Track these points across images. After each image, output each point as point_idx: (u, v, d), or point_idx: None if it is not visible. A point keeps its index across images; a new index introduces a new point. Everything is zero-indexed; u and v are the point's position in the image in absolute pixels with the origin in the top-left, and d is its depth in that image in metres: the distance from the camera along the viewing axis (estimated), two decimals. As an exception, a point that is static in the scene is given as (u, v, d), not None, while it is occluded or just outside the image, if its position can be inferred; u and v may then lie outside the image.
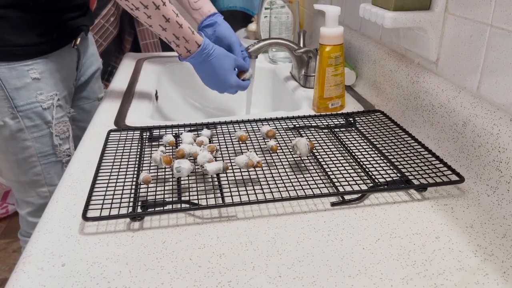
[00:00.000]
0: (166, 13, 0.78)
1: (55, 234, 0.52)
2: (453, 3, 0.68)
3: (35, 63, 0.87)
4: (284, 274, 0.45)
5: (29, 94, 0.87)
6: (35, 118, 0.89)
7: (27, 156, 0.91)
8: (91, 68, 1.08)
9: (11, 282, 0.45)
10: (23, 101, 0.87)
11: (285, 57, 1.21)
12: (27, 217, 1.01)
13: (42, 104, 0.89)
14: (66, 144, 0.95)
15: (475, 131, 0.62)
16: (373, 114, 0.82)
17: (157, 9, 0.76)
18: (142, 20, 0.79)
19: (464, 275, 0.45)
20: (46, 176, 0.94)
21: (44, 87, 0.89)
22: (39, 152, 0.91)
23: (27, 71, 0.86)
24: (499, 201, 0.56)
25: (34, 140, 0.90)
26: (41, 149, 0.92)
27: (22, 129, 0.88)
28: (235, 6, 1.93)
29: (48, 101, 0.89)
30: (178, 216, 0.55)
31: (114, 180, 0.61)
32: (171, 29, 0.80)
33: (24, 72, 0.86)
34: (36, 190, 0.96)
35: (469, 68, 0.66)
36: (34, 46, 0.86)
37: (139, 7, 0.76)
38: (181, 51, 0.83)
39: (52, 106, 0.90)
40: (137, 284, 0.45)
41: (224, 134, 0.77)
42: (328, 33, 0.80)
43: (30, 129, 0.89)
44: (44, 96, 0.89)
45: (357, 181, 0.61)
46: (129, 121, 0.83)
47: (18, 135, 0.89)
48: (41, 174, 0.94)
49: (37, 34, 0.85)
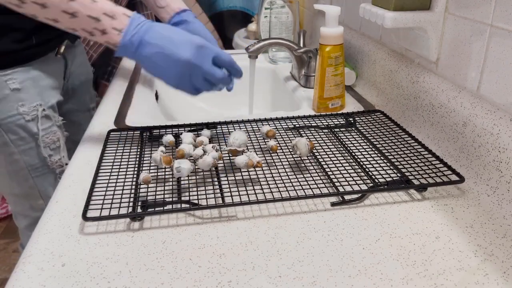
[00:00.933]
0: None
1: (55, 234, 0.52)
2: (453, 3, 0.68)
3: (14, 72, 0.79)
4: (284, 274, 0.46)
5: (9, 107, 0.80)
6: (19, 131, 0.82)
7: (17, 170, 0.86)
8: (79, 78, 1.02)
9: (11, 282, 0.45)
10: (3, 114, 0.80)
11: (285, 57, 1.21)
12: (25, 231, 0.98)
13: (25, 116, 0.82)
14: (57, 155, 0.89)
15: (475, 131, 0.62)
16: (373, 114, 0.82)
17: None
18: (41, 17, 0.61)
19: (464, 275, 0.45)
20: (40, 188, 0.90)
21: (26, 97, 0.81)
22: (28, 165, 0.86)
23: (5, 82, 0.79)
24: (499, 201, 0.56)
25: (22, 153, 0.85)
26: (30, 162, 0.86)
27: (7, 143, 0.83)
28: (235, 6, 1.93)
29: (32, 113, 0.82)
30: (178, 216, 0.55)
31: (114, 180, 0.61)
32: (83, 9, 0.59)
33: (2, 83, 0.79)
34: (31, 203, 0.92)
35: (469, 68, 0.66)
36: (11, 53, 0.78)
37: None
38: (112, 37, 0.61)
39: (36, 117, 0.83)
40: (137, 284, 0.45)
41: (224, 134, 0.77)
42: (328, 33, 0.80)
43: (15, 142, 0.83)
44: (27, 108, 0.82)
45: (357, 181, 0.61)
46: (129, 121, 0.83)
47: (4, 149, 0.84)
48: (35, 187, 0.89)
49: (14, 40, 0.77)
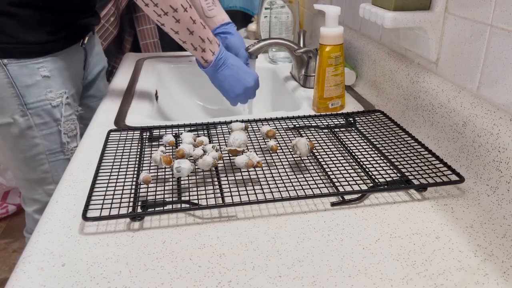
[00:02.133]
0: (193, 14, 0.77)
1: (55, 234, 0.52)
2: (453, 3, 0.68)
3: (45, 61, 0.88)
4: (284, 274, 0.45)
5: (39, 92, 0.88)
6: (45, 115, 0.90)
7: (35, 154, 0.92)
8: (97, 67, 1.10)
9: (11, 282, 0.45)
10: (33, 99, 0.88)
11: (285, 57, 1.21)
12: (33, 215, 1.02)
13: (52, 102, 0.90)
14: (74, 142, 0.96)
15: (475, 131, 0.62)
16: (373, 114, 0.82)
17: (185, 11, 0.76)
18: (169, 27, 0.77)
19: (464, 275, 0.45)
20: (53, 173, 0.96)
21: (54, 85, 0.90)
22: (47, 149, 0.93)
23: (37, 69, 0.87)
24: (499, 201, 0.56)
25: (43, 137, 0.91)
26: (50, 147, 0.93)
27: (31, 127, 0.90)
28: (235, 6, 1.93)
29: (57, 99, 0.91)
30: (178, 216, 0.55)
31: (114, 180, 0.61)
32: (198, 31, 0.79)
33: (35, 70, 0.87)
34: (43, 188, 0.97)
35: (469, 68, 0.66)
36: (44, 44, 0.87)
37: (168, 11, 0.74)
38: (207, 55, 0.82)
39: (61, 104, 0.92)
40: (137, 284, 0.45)
41: (224, 134, 0.77)
42: (328, 33, 0.80)
43: (39, 126, 0.90)
44: (54, 94, 0.90)
45: (357, 181, 0.61)
46: (129, 121, 0.83)
47: (27, 133, 0.90)
48: (49, 171, 0.95)
49: (47, 32, 0.87)
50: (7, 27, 0.82)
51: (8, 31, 0.83)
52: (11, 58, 0.84)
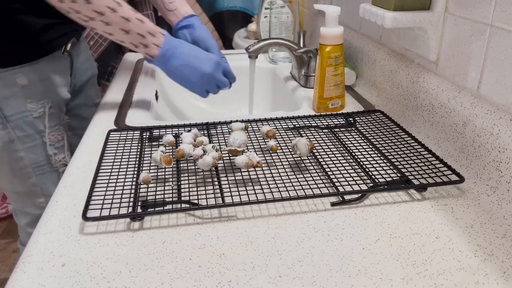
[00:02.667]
0: (125, 13, 0.71)
1: (55, 234, 0.52)
2: (453, 3, 0.68)
3: (23, 70, 0.82)
4: (284, 274, 0.46)
5: (18, 103, 0.83)
6: (26, 128, 0.85)
7: (21, 167, 0.88)
8: (86, 74, 1.04)
9: (11, 282, 0.45)
10: (13, 111, 0.83)
11: (285, 57, 1.21)
12: (26, 228, 0.99)
13: (33, 113, 0.84)
14: (61, 153, 0.91)
15: (475, 131, 0.62)
16: (373, 114, 0.82)
17: (113, 12, 0.70)
18: (101, 30, 0.72)
19: (464, 275, 0.45)
20: (42, 186, 0.91)
21: (34, 94, 0.84)
22: (33, 162, 0.88)
23: (14, 79, 0.81)
24: (499, 201, 0.56)
25: (27, 150, 0.86)
26: (35, 160, 0.88)
27: (13, 140, 0.85)
28: (235, 6, 1.93)
29: (39, 109, 0.85)
30: (178, 216, 0.55)
31: (114, 180, 0.61)
32: (135, 28, 0.73)
33: (12, 80, 0.81)
34: (32, 201, 0.93)
35: (469, 68, 0.66)
36: (20, 51, 0.81)
37: (94, 16, 0.69)
38: (151, 50, 0.76)
39: (43, 114, 0.86)
40: (137, 284, 0.45)
41: (224, 134, 0.77)
42: (328, 33, 0.80)
43: (21, 139, 0.85)
44: (35, 105, 0.84)
45: (357, 181, 0.61)
46: (129, 121, 0.83)
47: (10, 146, 0.85)
48: (37, 185, 0.91)
49: (22, 38, 0.81)
50: None
51: None
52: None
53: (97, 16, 0.70)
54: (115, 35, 0.74)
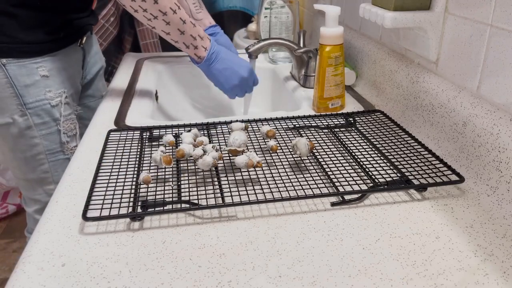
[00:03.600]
0: (182, 15, 0.79)
1: (55, 234, 0.52)
2: (453, 3, 0.68)
3: (44, 61, 0.88)
4: (284, 274, 0.46)
5: (38, 91, 0.88)
6: (44, 115, 0.90)
7: (35, 154, 0.93)
8: (95, 67, 1.10)
9: (11, 282, 0.45)
10: (32, 98, 0.88)
11: (285, 57, 1.21)
12: (34, 215, 1.02)
13: (51, 102, 0.90)
14: (73, 142, 0.97)
15: (475, 131, 0.62)
16: (373, 114, 0.82)
17: (174, 13, 0.78)
18: (160, 29, 0.79)
19: (464, 275, 0.45)
20: (53, 173, 0.96)
21: (53, 84, 0.90)
22: (47, 149, 0.93)
23: (36, 69, 0.88)
24: (499, 201, 0.56)
25: (42, 137, 0.92)
26: (49, 147, 0.93)
27: (31, 127, 0.90)
28: (235, 6, 1.93)
29: (56, 99, 0.91)
30: (178, 216, 0.55)
31: (114, 180, 0.61)
32: (189, 30, 0.81)
33: (34, 70, 0.87)
34: (43, 188, 0.98)
35: (469, 68, 0.66)
36: (42, 44, 0.88)
37: (158, 15, 0.76)
38: (200, 52, 0.84)
39: (60, 103, 0.92)
40: (137, 284, 0.45)
41: (224, 134, 0.77)
42: (328, 33, 0.80)
43: (38, 126, 0.90)
44: (53, 94, 0.90)
45: (357, 181, 0.61)
46: (129, 121, 0.83)
47: (26, 133, 0.90)
48: (49, 171, 0.95)
49: (45, 32, 0.87)
50: (6, 27, 0.83)
51: (7, 31, 0.83)
52: (9, 58, 0.85)
53: (161, 15, 0.77)
54: (171, 35, 0.80)
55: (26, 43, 0.85)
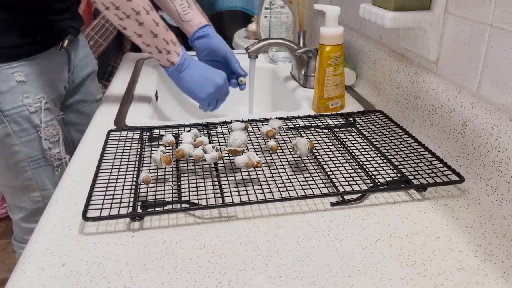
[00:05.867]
0: (156, 17, 0.76)
1: (55, 234, 0.52)
2: (453, 3, 0.68)
3: (20, 65, 0.84)
4: (284, 274, 0.46)
5: (14, 98, 0.85)
6: (23, 122, 0.87)
7: (16, 161, 0.90)
8: (84, 70, 1.06)
9: (11, 282, 0.45)
10: (9, 105, 0.85)
11: (285, 57, 1.21)
12: (20, 223, 1.00)
13: (29, 108, 0.87)
14: (56, 148, 0.93)
15: (475, 131, 0.62)
16: (373, 114, 0.82)
17: (147, 14, 0.75)
18: (131, 30, 0.76)
19: (464, 275, 0.45)
20: (37, 180, 0.93)
21: (31, 90, 0.86)
22: (28, 156, 0.90)
23: (11, 74, 0.84)
24: (499, 201, 0.56)
25: (22, 144, 0.88)
26: (31, 154, 0.90)
27: (10, 134, 0.87)
28: (235, 6, 1.93)
29: (35, 105, 0.87)
30: (178, 216, 0.55)
31: (114, 180, 0.61)
32: (162, 34, 0.77)
33: (9, 75, 0.83)
34: (28, 195, 0.95)
35: (469, 68, 0.66)
36: (17, 47, 0.84)
37: (131, 14, 0.73)
38: (172, 57, 0.81)
39: (39, 109, 0.88)
40: (137, 284, 0.45)
41: (224, 134, 0.77)
42: (328, 33, 0.80)
43: (17, 133, 0.87)
44: (31, 100, 0.87)
45: (357, 181, 0.61)
46: (129, 121, 0.83)
47: (6, 140, 0.87)
48: (32, 178, 0.92)
49: (20, 35, 0.83)
50: None
51: None
52: None
53: (134, 14, 0.73)
54: (143, 37, 0.77)
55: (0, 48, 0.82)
